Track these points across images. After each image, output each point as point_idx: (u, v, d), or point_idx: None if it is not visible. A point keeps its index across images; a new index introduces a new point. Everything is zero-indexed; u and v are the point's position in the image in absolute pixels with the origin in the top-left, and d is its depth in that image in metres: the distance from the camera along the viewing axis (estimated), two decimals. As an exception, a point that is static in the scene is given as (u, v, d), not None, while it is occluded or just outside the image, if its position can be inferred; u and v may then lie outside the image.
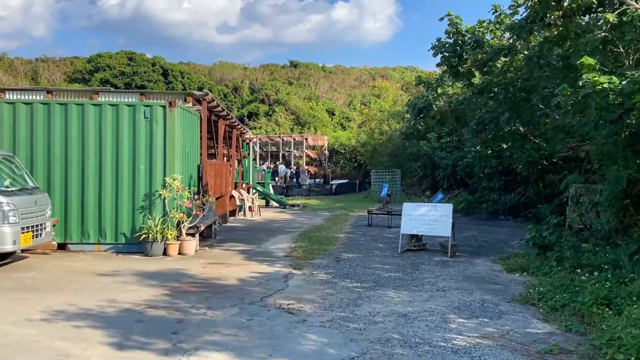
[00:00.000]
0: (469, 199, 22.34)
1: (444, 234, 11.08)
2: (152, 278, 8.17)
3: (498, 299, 7.27)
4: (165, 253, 10.15)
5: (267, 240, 12.75)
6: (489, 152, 19.25)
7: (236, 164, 20.29)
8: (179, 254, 10.24)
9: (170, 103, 10.37)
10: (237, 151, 20.77)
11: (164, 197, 10.27)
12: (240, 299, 6.96)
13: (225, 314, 6.31)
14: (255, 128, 66.00)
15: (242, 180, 21.67)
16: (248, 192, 22.51)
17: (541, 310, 6.68)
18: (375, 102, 36.25)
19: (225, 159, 19.46)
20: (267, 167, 41.72)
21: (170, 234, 10.13)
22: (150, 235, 9.92)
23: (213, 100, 13.62)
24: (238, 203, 18.08)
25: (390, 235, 14.03)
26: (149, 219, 10.19)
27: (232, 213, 18.25)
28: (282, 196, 24.64)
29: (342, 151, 50.49)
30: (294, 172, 40.28)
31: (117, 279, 8.12)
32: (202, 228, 10.86)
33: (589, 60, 6.67)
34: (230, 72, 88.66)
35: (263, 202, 24.19)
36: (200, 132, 12.93)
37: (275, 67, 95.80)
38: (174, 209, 10.36)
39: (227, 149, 19.07)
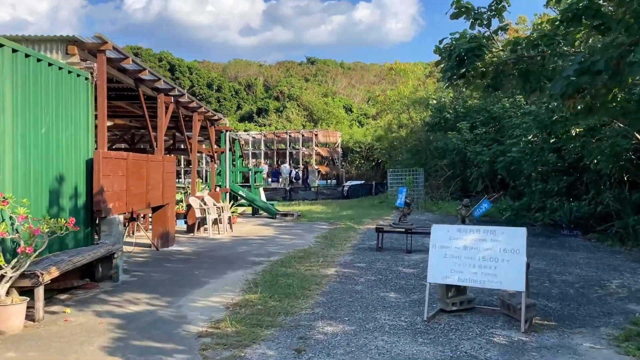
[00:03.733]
0: (514, 206, 16.89)
1: (511, 287, 5.85)
2: None
3: None
4: (-43, 331, 5.11)
5: (202, 284, 7.63)
6: (552, 140, 13.81)
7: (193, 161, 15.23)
8: (-9, 331, 5.20)
9: (-23, 37, 5.32)
10: (204, 144, 15.73)
11: (-37, 220, 5.23)
12: None
13: None
14: (264, 125, 61.17)
15: (215, 182, 16.64)
16: (234, 198, 17.51)
17: None
18: (396, 87, 30.79)
19: (179, 155, 14.42)
20: (270, 167, 36.75)
21: (-35, 295, 5.08)
22: None
23: (125, 58, 8.57)
24: (198, 215, 13.03)
25: (409, 271, 8.80)
26: None
27: (194, 228, 13.23)
28: (273, 203, 19.52)
29: (358, 149, 45.23)
30: (299, 172, 35.16)
31: None
32: (53, 275, 5.77)
33: None
34: (245, 69, 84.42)
35: (249, 209, 19.16)
36: (95, 104, 7.88)
37: (292, 64, 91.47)
38: (-16, 241, 5.33)
39: (201, 142, 14.05)
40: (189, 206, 13.19)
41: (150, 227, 12.76)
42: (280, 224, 16.19)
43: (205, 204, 13.31)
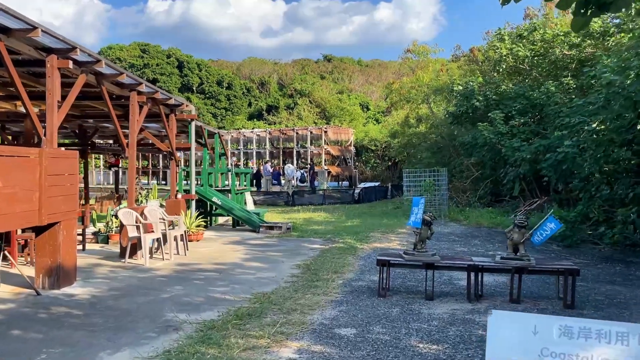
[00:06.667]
0: (569, 216, 12.84)
1: None
2: None
3: None
4: None
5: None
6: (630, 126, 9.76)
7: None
8: None
9: None
10: (159, 137, 12.03)
11: None
12: None
13: None
14: (274, 123, 57.49)
15: (178, 186, 12.91)
16: (210, 207, 13.81)
17: None
18: (414, 74, 26.68)
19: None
20: (272, 168, 33.02)
21: None
22: None
23: None
24: (133, 234, 9.28)
25: (430, 349, 4.89)
26: None
27: (126, 252, 9.50)
28: (259, 212, 15.70)
29: (373, 147, 41.29)
30: (304, 173, 31.38)
31: None
32: None
33: None
34: (260, 68, 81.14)
35: (224, 219, 15.38)
36: None
37: (308, 61, 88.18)
38: None
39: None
40: (121, 226, 9.47)
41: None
42: (260, 241, 12.38)
43: (143, 217, 9.56)
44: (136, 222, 9.38)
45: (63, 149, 7.46)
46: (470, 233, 14.24)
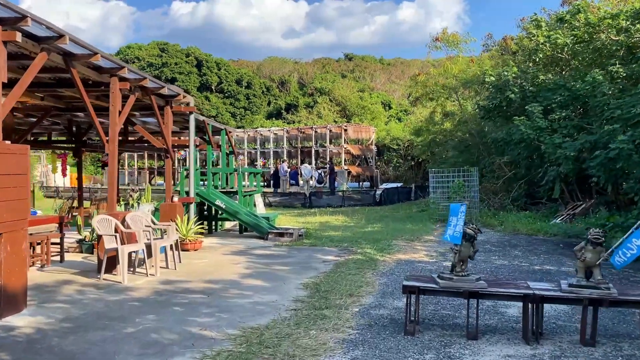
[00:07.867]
0: (625, 223, 11.00)
1: None
2: None
3: None
4: None
5: None
6: None
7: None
8: None
9: None
10: (157, 133, 10.57)
11: None
12: None
13: None
14: (293, 122, 56.06)
15: (176, 188, 11.46)
16: (215, 211, 12.34)
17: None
18: (442, 65, 24.74)
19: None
20: (289, 167, 31.48)
21: None
22: None
23: None
24: (111, 246, 7.81)
25: None
26: None
27: (102, 266, 8.05)
28: (269, 216, 14.15)
29: (395, 147, 39.50)
30: (321, 173, 29.77)
31: None
32: None
33: None
34: (280, 67, 79.86)
35: (231, 224, 13.86)
36: None
37: (329, 60, 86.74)
38: None
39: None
40: (99, 237, 8.00)
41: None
42: (266, 250, 10.83)
43: (125, 226, 8.09)
44: (115, 231, 7.91)
45: (9, 142, 6.00)
46: (507, 241, 12.48)
